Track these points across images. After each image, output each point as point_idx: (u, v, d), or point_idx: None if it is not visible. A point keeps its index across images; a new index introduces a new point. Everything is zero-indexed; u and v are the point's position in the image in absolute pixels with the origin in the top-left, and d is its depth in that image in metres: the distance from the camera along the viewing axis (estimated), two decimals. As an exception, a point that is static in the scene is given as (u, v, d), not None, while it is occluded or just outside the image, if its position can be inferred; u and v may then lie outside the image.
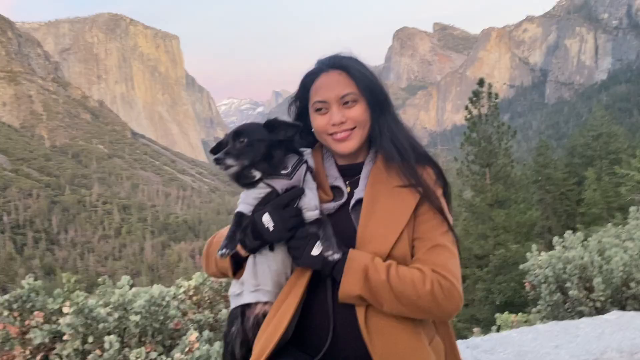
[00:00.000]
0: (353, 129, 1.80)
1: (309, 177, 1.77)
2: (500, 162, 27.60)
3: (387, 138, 1.81)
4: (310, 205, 1.70)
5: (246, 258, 1.79)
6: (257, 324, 1.73)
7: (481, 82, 28.59)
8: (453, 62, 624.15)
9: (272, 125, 1.75)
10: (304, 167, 1.76)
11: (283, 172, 1.71)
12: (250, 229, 1.69)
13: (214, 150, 1.77)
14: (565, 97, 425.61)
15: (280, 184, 1.70)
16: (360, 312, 1.67)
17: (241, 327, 1.76)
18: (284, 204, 1.68)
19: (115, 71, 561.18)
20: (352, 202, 1.81)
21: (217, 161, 1.64)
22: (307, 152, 1.83)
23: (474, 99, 28.25)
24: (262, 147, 1.68)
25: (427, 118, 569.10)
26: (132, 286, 3.45)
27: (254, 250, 1.74)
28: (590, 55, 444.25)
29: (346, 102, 1.78)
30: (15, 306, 3.23)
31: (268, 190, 1.71)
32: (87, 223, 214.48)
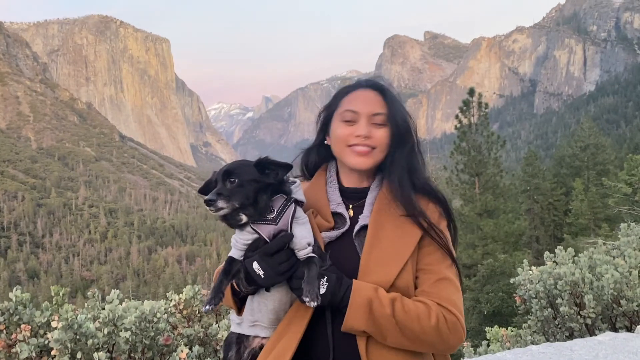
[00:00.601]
0: (374, 148, 1.81)
1: (299, 212, 1.74)
2: (489, 172, 27.70)
3: (396, 171, 1.82)
4: (301, 245, 1.68)
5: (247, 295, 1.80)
6: (253, 355, 1.75)
7: (471, 92, 28.70)
8: (443, 70, 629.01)
9: (262, 164, 1.72)
10: (291, 207, 1.72)
11: (269, 216, 1.68)
12: (243, 275, 1.70)
13: (202, 190, 1.76)
14: (553, 107, 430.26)
15: (266, 230, 1.68)
16: (361, 344, 1.66)
17: (237, 355, 1.77)
18: (272, 252, 1.65)
19: (104, 73, 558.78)
20: (357, 228, 1.80)
21: (208, 203, 1.62)
22: (296, 184, 1.78)
23: (464, 108, 28.35)
24: (253, 188, 1.66)
25: (416, 126, 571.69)
26: (122, 301, 3.40)
27: (251, 293, 1.76)
28: (578, 66, 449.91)
29: (375, 122, 1.80)
30: (1, 319, 3.16)
31: (256, 235, 1.69)
32: (73, 226, 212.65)
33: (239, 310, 1.83)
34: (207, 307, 1.65)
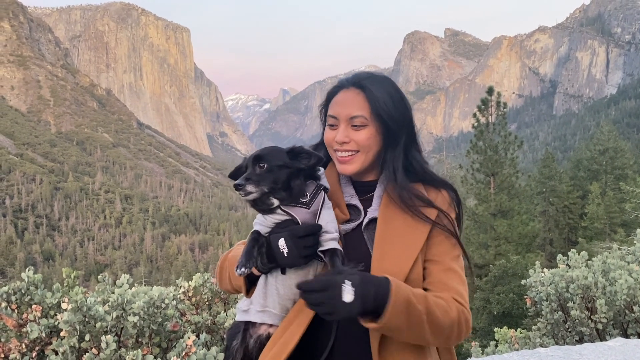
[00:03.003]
0: (357, 152, 1.78)
1: (326, 198, 1.76)
2: (505, 172, 27.49)
3: (390, 169, 1.79)
4: (330, 228, 1.69)
5: (259, 276, 1.78)
6: (260, 343, 1.73)
7: (490, 91, 28.45)
8: (463, 68, 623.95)
9: (295, 152, 1.73)
10: (322, 194, 1.74)
11: (302, 200, 1.70)
12: (265, 250, 1.68)
13: (232, 175, 1.77)
14: (573, 109, 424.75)
15: (300, 214, 1.69)
16: (374, 339, 1.64)
17: (242, 343, 1.76)
18: (301, 234, 1.64)
19: (125, 60, 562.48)
20: (366, 220, 1.78)
21: (238, 187, 1.62)
22: (321, 171, 1.79)
23: (482, 107, 28.13)
24: (283, 173, 1.67)
25: (433, 123, 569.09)
26: (131, 285, 3.40)
27: (266, 272, 1.74)
28: (601, 68, 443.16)
29: (355, 124, 1.76)
30: (13, 298, 3.20)
31: (287, 217, 1.70)
32: (89, 211, 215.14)
33: (247, 292, 1.82)
34: (242, 269, 1.64)
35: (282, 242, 1.64)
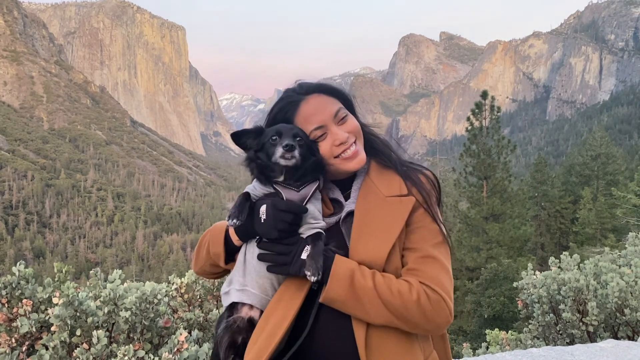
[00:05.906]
0: (356, 141, 1.79)
1: (317, 190, 1.77)
2: (498, 176, 27.60)
3: (379, 142, 1.83)
4: (316, 216, 1.71)
5: (237, 250, 1.79)
6: (238, 327, 1.72)
7: (484, 95, 28.60)
8: (457, 72, 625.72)
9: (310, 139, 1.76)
10: (315, 183, 1.75)
11: (295, 183, 1.72)
12: (246, 212, 1.70)
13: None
14: (566, 115, 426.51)
15: (287, 193, 1.70)
16: (360, 332, 1.62)
17: (225, 329, 1.76)
18: (284, 208, 1.64)
19: (119, 58, 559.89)
20: (343, 214, 1.77)
21: (290, 147, 1.64)
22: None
23: (476, 110, 28.26)
24: (310, 152, 1.71)
25: (427, 126, 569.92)
26: (123, 281, 3.38)
27: (242, 237, 1.75)
28: (594, 74, 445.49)
29: (341, 118, 1.78)
30: (4, 292, 3.16)
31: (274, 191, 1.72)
32: (80, 208, 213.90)
33: (225, 262, 1.82)
34: (235, 220, 1.65)
35: (263, 209, 1.65)
